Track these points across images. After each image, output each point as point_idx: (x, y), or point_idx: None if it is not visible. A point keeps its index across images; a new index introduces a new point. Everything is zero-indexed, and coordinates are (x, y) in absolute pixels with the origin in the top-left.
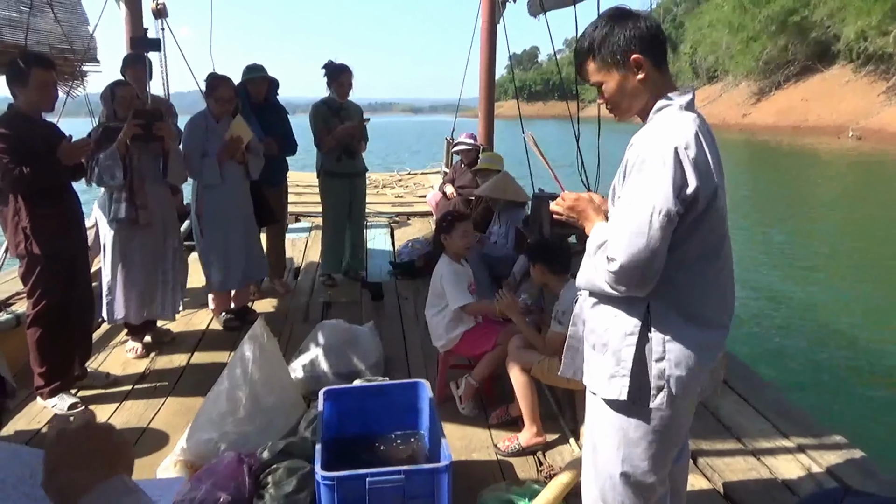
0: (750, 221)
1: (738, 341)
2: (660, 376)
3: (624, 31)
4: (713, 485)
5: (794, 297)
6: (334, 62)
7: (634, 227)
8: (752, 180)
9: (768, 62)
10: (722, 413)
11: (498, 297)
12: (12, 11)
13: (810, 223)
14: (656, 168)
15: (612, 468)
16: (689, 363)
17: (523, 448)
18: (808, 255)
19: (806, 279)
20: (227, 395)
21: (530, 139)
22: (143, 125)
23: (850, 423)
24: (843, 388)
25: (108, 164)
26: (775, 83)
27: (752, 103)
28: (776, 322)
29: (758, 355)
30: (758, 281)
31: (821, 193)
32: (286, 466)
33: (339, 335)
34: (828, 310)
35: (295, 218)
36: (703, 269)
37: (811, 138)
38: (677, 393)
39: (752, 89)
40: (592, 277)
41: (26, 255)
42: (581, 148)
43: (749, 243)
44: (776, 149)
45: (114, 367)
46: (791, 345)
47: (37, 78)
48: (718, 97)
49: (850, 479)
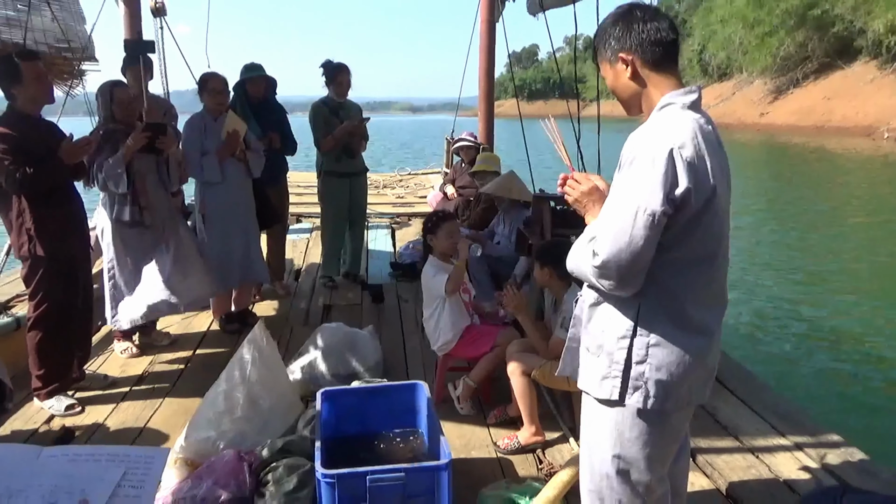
0: (784, 226)
1: (737, 342)
2: (637, 378)
3: (616, 29)
4: (714, 483)
5: (794, 297)
6: (332, 61)
7: (618, 225)
8: (785, 187)
9: (786, 58)
10: (720, 414)
11: (504, 292)
12: (10, 10)
13: (841, 228)
14: (645, 167)
15: (609, 468)
16: (670, 368)
17: (523, 446)
18: (831, 262)
19: (808, 280)
20: (224, 396)
21: (551, 124)
22: (150, 137)
23: (849, 422)
24: (841, 387)
25: (113, 173)
26: (793, 80)
27: (768, 102)
28: (774, 323)
29: (757, 356)
30: (758, 281)
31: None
32: (286, 464)
33: (339, 338)
34: (827, 310)
35: (296, 218)
36: (696, 273)
37: (837, 139)
38: (655, 396)
39: (769, 87)
40: (581, 266)
41: (29, 258)
42: (582, 147)
43: (785, 248)
44: (802, 152)
45: (112, 369)
46: (790, 346)
47: (28, 71)
48: (731, 95)
49: (849, 477)
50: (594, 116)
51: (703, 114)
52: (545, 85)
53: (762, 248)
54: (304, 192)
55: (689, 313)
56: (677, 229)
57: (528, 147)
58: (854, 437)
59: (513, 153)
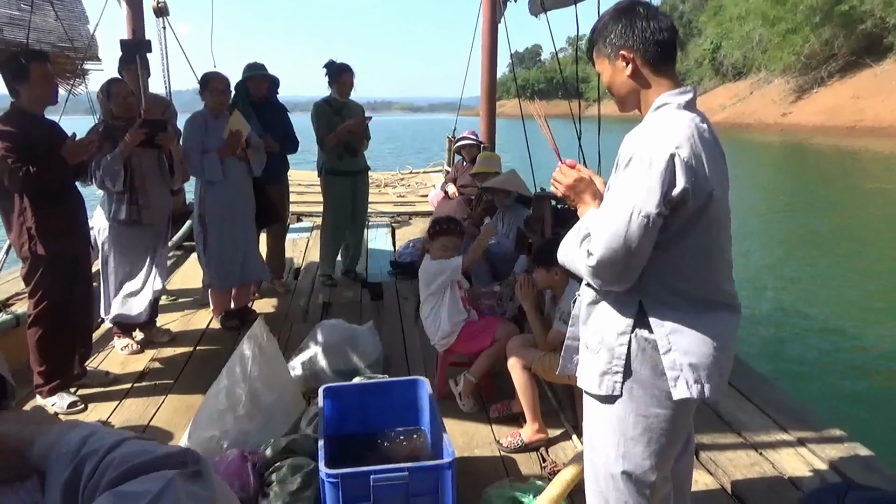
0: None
1: (741, 338)
2: (672, 367)
3: (619, 26)
4: (717, 480)
5: (795, 297)
6: (335, 62)
7: (614, 225)
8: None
9: (809, 57)
10: (723, 410)
11: (520, 282)
12: (13, 10)
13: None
14: (642, 168)
15: (613, 467)
16: (697, 352)
17: (526, 444)
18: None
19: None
20: (226, 393)
21: (537, 111)
22: (147, 133)
23: (854, 418)
24: (845, 383)
25: (111, 170)
26: (817, 79)
27: (791, 101)
28: (778, 318)
29: (759, 352)
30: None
31: None
32: (290, 464)
33: (339, 334)
34: (831, 306)
35: (297, 217)
36: (697, 271)
37: (871, 140)
38: (697, 380)
39: (790, 86)
40: (574, 261)
41: (30, 256)
42: (583, 147)
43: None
44: (838, 155)
45: (113, 366)
46: (793, 341)
47: (37, 72)
48: (749, 95)
49: (853, 473)
50: (595, 116)
51: (699, 113)
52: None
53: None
54: (304, 191)
55: (693, 306)
56: (675, 229)
57: (530, 147)
58: (858, 433)
59: (514, 153)
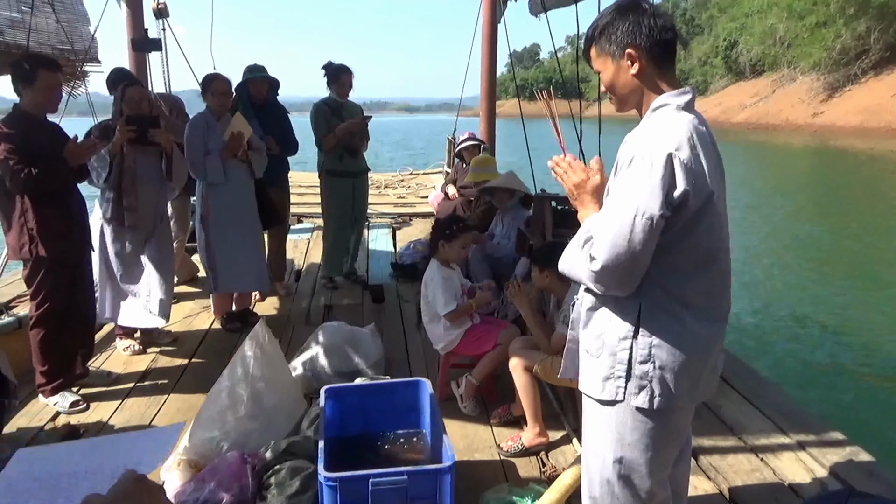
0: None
1: (741, 340)
2: (642, 377)
3: (624, 24)
4: (717, 486)
5: (798, 297)
6: (334, 63)
7: (617, 228)
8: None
9: (842, 52)
10: (724, 413)
11: (508, 286)
12: (14, 12)
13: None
14: (644, 169)
15: (610, 472)
16: (674, 366)
17: (526, 448)
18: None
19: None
20: (227, 393)
21: (545, 97)
22: (137, 130)
23: (855, 423)
24: (847, 388)
25: (96, 165)
26: (849, 76)
27: (821, 100)
28: (779, 322)
29: (760, 355)
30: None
31: None
32: (289, 467)
33: (340, 336)
34: (833, 310)
35: (297, 219)
36: (697, 273)
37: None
38: (661, 395)
39: (820, 84)
40: (575, 268)
41: (31, 258)
42: (584, 148)
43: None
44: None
45: (115, 366)
46: (794, 345)
47: (44, 80)
48: (771, 94)
49: (854, 480)
50: (596, 116)
51: (697, 114)
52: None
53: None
54: (305, 192)
55: (690, 313)
56: (676, 231)
57: (530, 147)
58: (860, 438)
59: (514, 153)
